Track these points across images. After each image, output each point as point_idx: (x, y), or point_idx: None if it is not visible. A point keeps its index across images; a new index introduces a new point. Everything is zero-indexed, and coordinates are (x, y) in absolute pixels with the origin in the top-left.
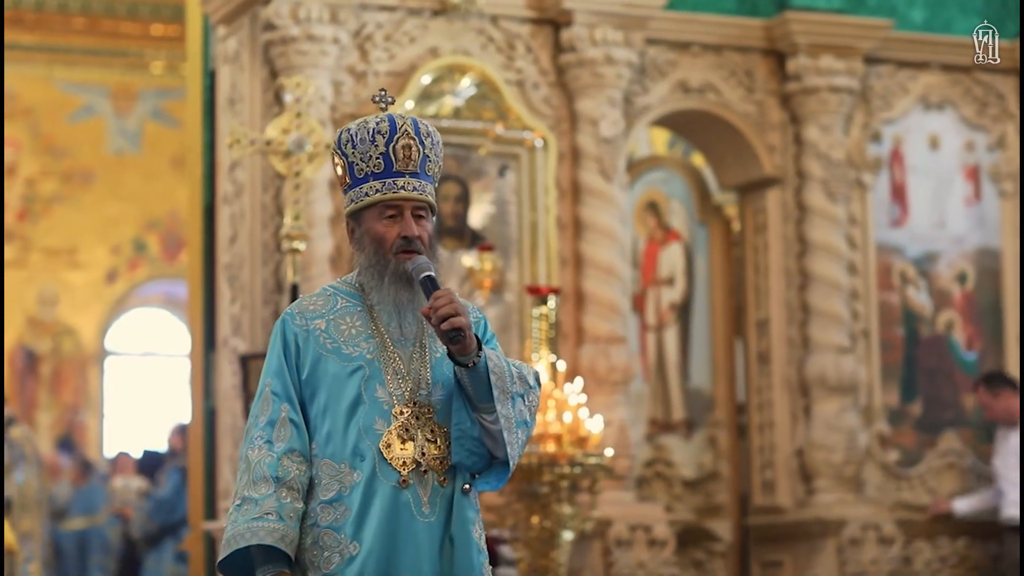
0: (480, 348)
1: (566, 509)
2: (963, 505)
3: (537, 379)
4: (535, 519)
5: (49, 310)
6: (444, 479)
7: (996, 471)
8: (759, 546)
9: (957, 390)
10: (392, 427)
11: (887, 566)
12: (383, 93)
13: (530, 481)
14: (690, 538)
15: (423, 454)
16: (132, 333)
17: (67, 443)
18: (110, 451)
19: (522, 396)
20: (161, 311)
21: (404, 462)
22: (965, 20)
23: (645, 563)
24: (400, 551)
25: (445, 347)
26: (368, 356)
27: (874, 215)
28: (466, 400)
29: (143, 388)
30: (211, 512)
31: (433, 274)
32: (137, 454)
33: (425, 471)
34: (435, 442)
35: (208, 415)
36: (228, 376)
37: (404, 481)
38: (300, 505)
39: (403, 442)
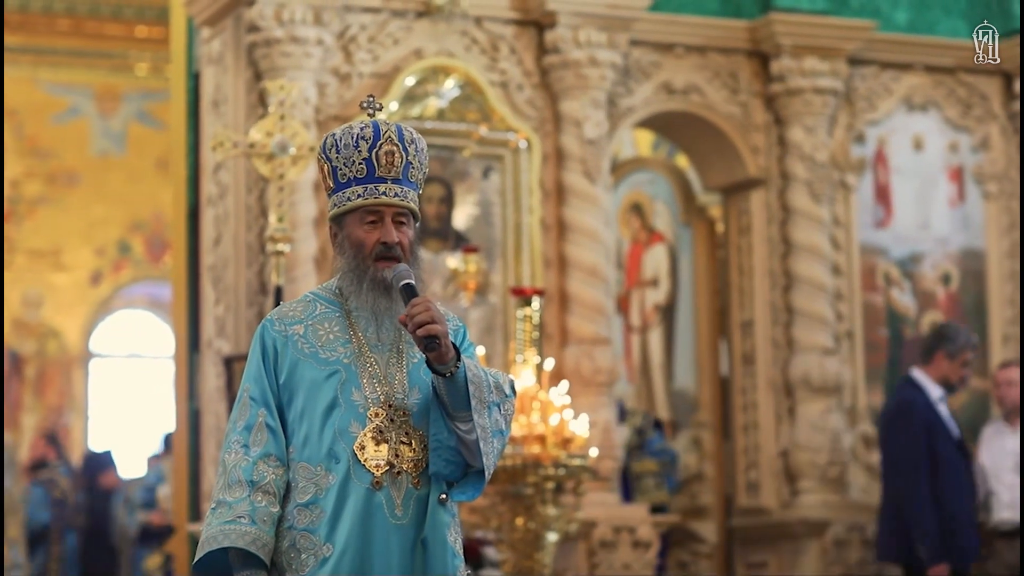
0: (459, 358)
1: (551, 510)
2: None
3: (512, 387)
4: (519, 520)
5: (33, 312)
6: (418, 481)
7: (983, 468)
8: (744, 547)
9: None
10: (366, 429)
11: (871, 567)
12: (371, 99)
13: (514, 482)
14: (675, 539)
15: (397, 456)
16: (116, 335)
17: (55, 445)
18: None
19: (498, 405)
20: (145, 313)
21: (378, 464)
22: (949, 21)
23: (630, 564)
24: (372, 553)
25: (423, 355)
26: (345, 360)
27: (858, 216)
28: (442, 409)
29: (128, 390)
30: (195, 514)
31: (412, 282)
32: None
33: (398, 473)
34: (409, 444)
35: (192, 417)
36: (212, 378)
37: (377, 483)
38: (275, 509)
39: (377, 444)
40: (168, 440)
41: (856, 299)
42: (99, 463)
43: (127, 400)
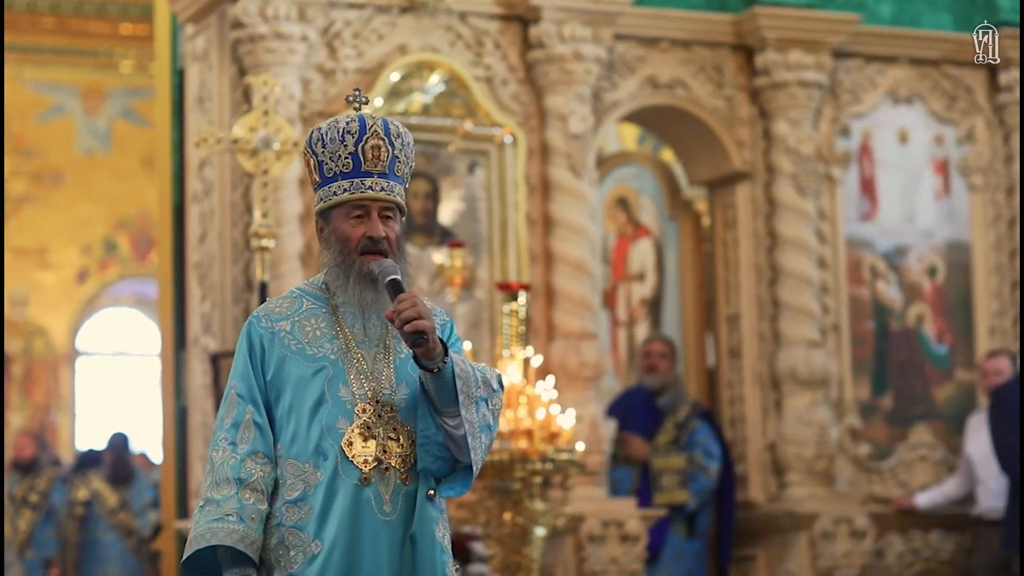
0: (446, 353)
1: (538, 505)
2: (925, 499)
3: (500, 382)
4: (507, 515)
5: (20, 310)
6: (406, 477)
7: (970, 458)
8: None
9: (928, 383)
10: (354, 425)
11: (859, 560)
12: (357, 93)
13: (502, 477)
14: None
15: (385, 452)
16: (103, 333)
17: (39, 443)
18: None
19: (486, 400)
20: (132, 310)
21: (366, 460)
22: (933, 14)
23: (617, 559)
24: (361, 549)
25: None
26: (332, 356)
27: (844, 209)
28: (429, 404)
29: (114, 388)
30: (183, 511)
31: (398, 277)
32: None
33: (387, 469)
34: (397, 440)
35: (179, 414)
36: (199, 375)
37: (365, 479)
38: (263, 506)
39: (364, 440)
40: (114, 441)
41: (842, 292)
42: (90, 462)
43: (114, 398)
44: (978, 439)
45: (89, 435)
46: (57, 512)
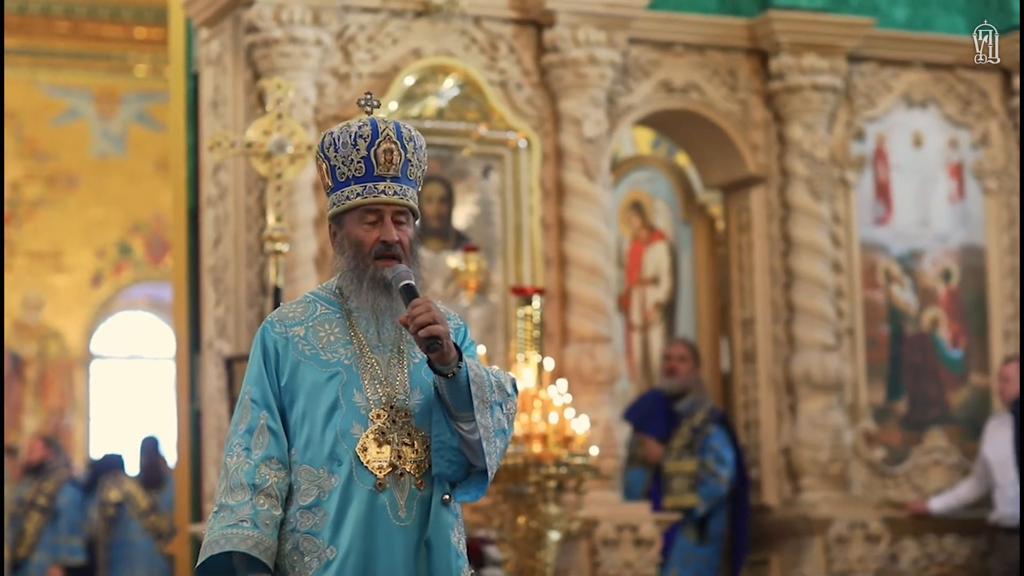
0: (460, 357)
1: (552, 509)
2: (939, 503)
3: (514, 386)
4: (521, 519)
5: (34, 314)
6: (421, 482)
7: (987, 461)
8: None
9: (942, 387)
10: (368, 431)
11: (874, 564)
12: (368, 97)
13: (516, 482)
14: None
15: (399, 457)
16: (117, 336)
17: (52, 447)
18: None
19: (500, 405)
20: (146, 314)
21: (380, 466)
22: (947, 18)
23: (632, 563)
24: (376, 555)
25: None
26: (346, 362)
27: (858, 213)
28: (444, 409)
29: (129, 391)
30: (197, 515)
31: (412, 282)
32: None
33: (401, 474)
34: (412, 445)
35: (193, 417)
36: (213, 378)
37: (380, 484)
38: (278, 512)
39: (379, 446)
40: (145, 444)
41: (857, 296)
42: (109, 466)
43: (129, 402)
44: (995, 442)
45: (103, 439)
46: (64, 515)
